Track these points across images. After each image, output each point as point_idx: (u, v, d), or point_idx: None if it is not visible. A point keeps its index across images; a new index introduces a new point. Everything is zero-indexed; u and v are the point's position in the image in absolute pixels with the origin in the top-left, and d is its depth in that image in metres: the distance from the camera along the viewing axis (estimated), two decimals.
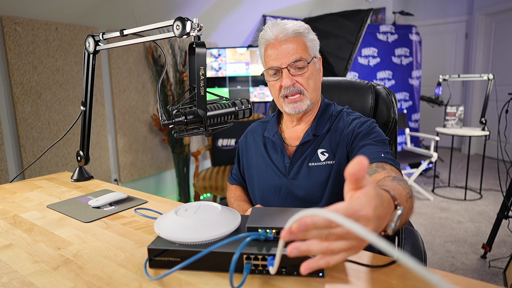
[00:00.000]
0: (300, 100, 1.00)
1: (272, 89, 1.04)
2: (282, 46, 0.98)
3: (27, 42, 2.24)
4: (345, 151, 1.00)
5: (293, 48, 0.98)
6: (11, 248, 0.77)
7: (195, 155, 3.00)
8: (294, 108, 1.01)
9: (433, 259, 2.32)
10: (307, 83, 1.00)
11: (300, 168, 1.03)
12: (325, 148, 1.03)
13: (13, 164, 2.28)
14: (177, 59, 3.07)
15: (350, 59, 3.45)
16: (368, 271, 0.63)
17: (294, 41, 0.98)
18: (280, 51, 0.98)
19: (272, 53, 0.99)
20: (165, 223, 0.71)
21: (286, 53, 0.98)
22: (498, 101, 3.69)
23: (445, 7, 5.48)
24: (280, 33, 0.98)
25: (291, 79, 0.98)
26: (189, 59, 0.89)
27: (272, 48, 1.00)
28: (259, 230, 0.66)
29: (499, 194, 3.46)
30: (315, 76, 1.03)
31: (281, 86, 1.00)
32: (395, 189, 0.63)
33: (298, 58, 0.98)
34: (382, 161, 0.86)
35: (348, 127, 1.02)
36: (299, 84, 0.99)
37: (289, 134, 1.11)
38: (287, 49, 0.98)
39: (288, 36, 0.98)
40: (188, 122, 0.84)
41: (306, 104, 1.01)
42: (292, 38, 0.98)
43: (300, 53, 0.98)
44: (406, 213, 0.63)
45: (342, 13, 3.61)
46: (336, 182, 1.00)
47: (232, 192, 1.25)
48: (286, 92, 1.00)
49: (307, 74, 1.00)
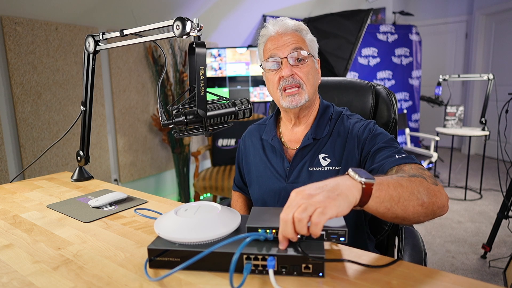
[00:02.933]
0: (298, 93, 0.99)
1: (270, 83, 1.03)
2: (283, 38, 0.99)
3: (27, 42, 2.24)
4: (356, 158, 0.98)
5: (293, 39, 0.99)
6: (11, 248, 0.77)
7: (195, 155, 3.00)
8: (291, 102, 0.99)
9: (433, 259, 2.32)
10: (306, 76, 0.99)
11: (300, 172, 1.02)
12: (327, 154, 1.01)
13: (13, 164, 2.28)
14: (177, 59, 3.07)
15: (350, 59, 3.45)
16: (368, 271, 0.63)
17: (294, 35, 1.00)
18: (280, 42, 0.99)
19: (272, 45, 1.00)
20: (165, 223, 0.71)
21: (286, 43, 0.98)
22: (498, 101, 3.69)
23: (445, 7, 5.48)
24: (280, 28, 1.00)
25: (290, 70, 0.97)
26: (189, 59, 0.89)
27: (272, 41, 1.00)
28: (259, 230, 0.66)
29: (499, 194, 3.47)
30: (314, 73, 1.02)
31: (279, 78, 0.99)
32: (371, 176, 0.66)
33: (298, 47, 0.98)
34: (400, 163, 0.85)
35: (352, 132, 1.01)
36: (298, 76, 0.99)
37: (288, 137, 1.10)
38: (287, 40, 0.98)
39: (288, 30, 0.99)
40: (188, 122, 0.84)
41: (304, 99, 0.99)
42: (292, 32, 1.00)
43: (300, 44, 0.99)
44: (387, 191, 0.66)
45: (342, 13, 3.61)
46: None
47: (235, 201, 1.26)
48: (284, 84, 0.99)
49: (307, 68, 1.00)
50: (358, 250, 0.71)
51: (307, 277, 0.62)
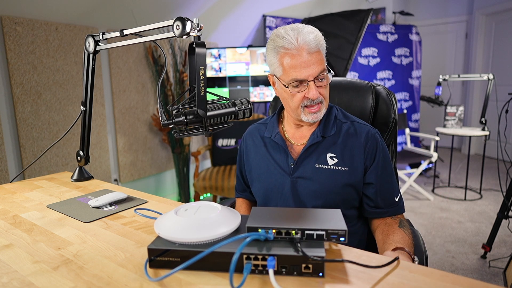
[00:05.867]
0: (319, 110, 1.01)
1: (291, 98, 1.01)
2: (307, 57, 0.95)
3: (27, 42, 2.24)
4: (362, 166, 1.03)
5: (317, 60, 0.96)
6: (11, 248, 0.77)
7: (195, 155, 3.00)
8: (313, 118, 1.01)
9: (433, 259, 2.32)
10: (327, 93, 1.03)
11: (305, 168, 1.04)
12: (335, 153, 1.03)
13: (13, 164, 2.28)
14: (177, 59, 3.07)
15: (350, 59, 3.45)
16: (368, 271, 0.63)
17: (317, 54, 0.97)
18: (306, 62, 0.95)
19: (296, 64, 0.95)
20: (165, 223, 0.71)
21: (311, 65, 0.95)
22: (498, 101, 3.69)
23: (445, 7, 5.48)
24: (304, 43, 0.95)
25: (317, 91, 0.98)
26: (189, 59, 0.89)
27: (294, 58, 0.95)
28: (259, 230, 0.66)
29: (499, 194, 3.46)
30: (329, 86, 1.04)
31: (304, 97, 0.99)
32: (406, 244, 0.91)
33: (322, 69, 0.97)
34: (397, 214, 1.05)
35: (363, 140, 1.03)
36: (321, 95, 1.00)
37: (292, 133, 1.11)
38: (312, 61, 0.95)
39: (311, 48, 0.95)
40: (188, 122, 0.84)
41: (323, 113, 1.03)
42: (317, 51, 0.97)
43: (323, 65, 0.98)
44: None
45: (342, 13, 3.61)
46: (345, 190, 1.02)
47: (239, 207, 1.26)
48: (309, 103, 1.00)
49: (327, 85, 1.02)
50: (358, 250, 0.71)
51: (307, 277, 0.62)
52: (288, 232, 0.66)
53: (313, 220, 0.69)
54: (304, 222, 0.68)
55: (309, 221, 0.69)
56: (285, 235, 0.66)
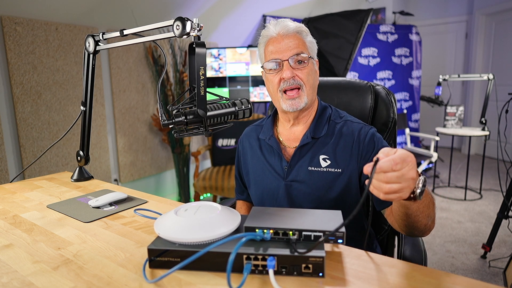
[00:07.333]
0: (298, 96, 1.00)
1: (270, 84, 1.03)
2: (284, 41, 1.00)
3: (27, 42, 2.24)
4: (356, 166, 1.00)
5: (294, 43, 1.00)
6: (11, 248, 0.77)
7: (195, 155, 3.00)
8: (292, 105, 1.00)
9: (433, 259, 2.32)
10: (306, 78, 1.00)
11: (299, 171, 1.02)
12: (327, 155, 1.01)
13: (13, 164, 2.28)
14: (177, 59, 3.07)
15: (350, 59, 3.45)
16: (368, 271, 0.63)
17: (295, 38, 1.00)
18: (282, 45, 1.00)
19: (274, 47, 1.01)
20: (165, 223, 0.71)
21: (287, 46, 0.99)
22: (498, 101, 3.69)
23: (445, 7, 5.48)
24: (281, 29, 1.01)
25: (291, 71, 0.99)
26: (189, 59, 0.89)
27: (273, 43, 1.01)
28: (257, 230, 0.66)
29: (499, 194, 3.46)
30: (313, 75, 1.03)
31: (280, 80, 1.00)
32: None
33: (300, 51, 0.99)
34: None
35: (355, 140, 1.01)
36: (298, 78, 0.99)
37: (286, 136, 1.10)
38: (289, 43, 0.99)
39: (289, 32, 1.00)
40: (188, 122, 0.84)
41: (303, 102, 1.00)
42: (293, 34, 1.00)
43: (301, 48, 1.00)
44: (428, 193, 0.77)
45: (342, 13, 3.61)
46: (342, 192, 0.99)
47: (239, 209, 1.26)
48: (285, 86, 0.99)
49: (307, 70, 1.01)
50: (358, 250, 0.71)
51: (307, 277, 0.62)
52: (286, 232, 0.66)
53: (312, 221, 0.69)
54: (303, 223, 0.68)
55: (308, 222, 0.69)
56: (282, 236, 0.66)
